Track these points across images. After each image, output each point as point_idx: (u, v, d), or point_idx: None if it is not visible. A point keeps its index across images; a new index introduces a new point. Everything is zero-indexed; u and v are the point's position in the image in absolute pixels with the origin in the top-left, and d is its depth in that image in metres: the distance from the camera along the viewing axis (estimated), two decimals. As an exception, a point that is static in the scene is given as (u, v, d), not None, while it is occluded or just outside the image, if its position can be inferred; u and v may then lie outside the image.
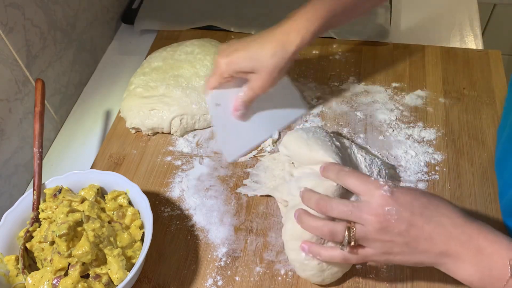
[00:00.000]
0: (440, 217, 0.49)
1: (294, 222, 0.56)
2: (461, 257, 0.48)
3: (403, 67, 0.86)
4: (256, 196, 0.69)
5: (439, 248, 0.49)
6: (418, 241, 0.49)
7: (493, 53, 0.86)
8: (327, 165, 0.56)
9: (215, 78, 0.68)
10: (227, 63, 0.65)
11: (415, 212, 0.49)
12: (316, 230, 0.53)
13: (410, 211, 0.49)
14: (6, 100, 0.70)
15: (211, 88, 0.69)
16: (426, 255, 0.50)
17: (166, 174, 0.73)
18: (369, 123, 0.77)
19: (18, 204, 0.63)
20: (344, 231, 0.50)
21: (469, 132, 0.75)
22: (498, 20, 1.52)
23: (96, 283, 0.56)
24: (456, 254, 0.48)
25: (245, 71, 0.66)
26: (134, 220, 0.63)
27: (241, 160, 0.73)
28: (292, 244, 0.57)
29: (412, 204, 0.49)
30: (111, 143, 0.78)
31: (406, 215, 0.49)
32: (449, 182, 0.69)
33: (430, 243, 0.49)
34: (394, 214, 0.48)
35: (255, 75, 0.65)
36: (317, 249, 0.54)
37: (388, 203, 0.49)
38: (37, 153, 0.65)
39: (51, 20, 0.79)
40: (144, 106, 0.77)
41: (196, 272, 0.63)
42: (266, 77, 0.64)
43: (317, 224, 0.53)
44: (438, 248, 0.49)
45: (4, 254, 0.60)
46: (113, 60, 0.95)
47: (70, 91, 0.86)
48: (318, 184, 0.56)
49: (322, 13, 0.63)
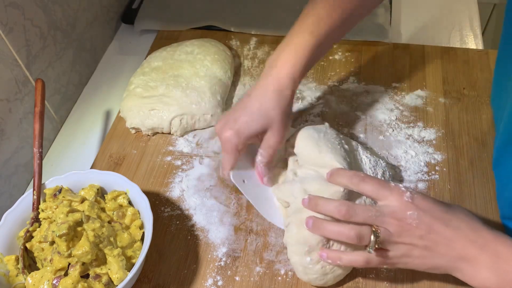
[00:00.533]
0: (458, 222, 0.51)
1: (300, 227, 0.56)
2: (479, 261, 0.49)
3: (403, 67, 0.86)
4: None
5: (458, 252, 0.50)
6: (438, 245, 0.50)
7: (493, 53, 0.86)
8: (336, 171, 0.56)
9: (229, 156, 0.62)
10: (236, 134, 0.60)
11: (435, 217, 0.50)
12: (341, 235, 0.53)
13: (431, 216, 0.50)
14: (6, 100, 0.70)
15: (230, 168, 0.63)
16: (444, 259, 0.51)
17: (166, 174, 0.73)
18: (369, 123, 0.77)
19: (18, 204, 0.63)
20: (370, 234, 0.51)
21: (469, 132, 0.75)
22: (498, 20, 1.52)
23: (96, 283, 0.56)
24: (474, 259, 0.50)
25: (256, 134, 0.61)
26: (134, 220, 0.63)
27: None
28: (297, 249, 0.57)
29: (432, 209, 0.51)
30: (111, 143, 0.78)
31: (426, 219, 0.50)
32: (449, 182, 0.69)
33: (449, 247, 0.50)
34: (416, 218, 0.50)
35: (269, 132, 0.61)
36: (337, 254, 0.54)
37: (410, 208, 0.50)
38: (37, 153, 0.65)
39: (51, 20, 0.79)
40: (144, 106, 0.77)
41: (196, 272, 0.63)
42: (281, 128, 0.61)
43: (341, 229, 0.52)
44: (457, 252, 0.50)
45: (4, 254, 0.60)
46: (113, 60, 0.95)
47: (70, 91, 0.86)
48: (325, 188, 0.56)
49: (307, 50, 0.60)
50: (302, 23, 0.62)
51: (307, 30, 0.61)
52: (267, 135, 0.61)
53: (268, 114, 0.60)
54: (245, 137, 0.61)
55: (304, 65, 0.61)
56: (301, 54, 0.60)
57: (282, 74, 0.60)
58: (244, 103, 0.62)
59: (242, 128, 0.60)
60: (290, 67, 0.60)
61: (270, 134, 0.61)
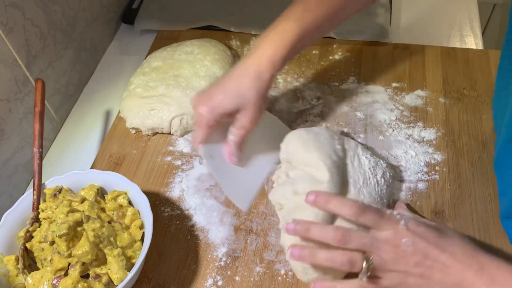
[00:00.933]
0: (454, 246, 0.50)
1: None
2: (475, 287, 0.48)
3: (403, 67, 0.86)
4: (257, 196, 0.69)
5: (454, 278, 0.49)
6: (433, 272, 0.49)
7: (493, 53, 0.86)
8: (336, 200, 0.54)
9: (200, 130, 0.63)
10: (210, 110, 0.61)
11: (430, 242, 0.50)
12: (333, 262, 0.51)
13: (426, 242, 0.50)
14: (6, 100, 0.70)
15: (200, 142, 0.64)
16: (440, 285, 0.50)
17: (166, 174, 0.73)
18: (369, 123, 0.77)
19: (18, 204, 0.63)
20: (362, 261, 0.50)
21: (469, 132, 0.75)
22: (498, 20, 1.52)
23: (96, 283, 0.56)
24: (470, 284, 0.49)
25: (229, 112, 0.62)
26: (134, 220, 0.63)
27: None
28: None
29: (427, 235, 0.51)
30: (111, 143, 0.78)
31: (422, 245, 0.50)
32: (449, 182, 0.69)
33: (445, 273, 0.49)
34: (411, 245, 0.50)
35: (242, 112, 0.62)
36: (332, 284, 0.53)
37: (405, 235, 0.50)
38: (37, 153, 0.65)
39: (51, 20, 0.79)
40: (144, 106, 0.77)
41: (196, 272, 0.63)
42: (254, 110, 0.61)
43: (333, 255, 0.51)
44: (453, 279, 0.49)
45: (4, 254, 0.60)
46: (113, 60, 0.95)
47: (70, 91, 0.86)
48: (313, 188, 0.56)
49: (291, 36, 0.61)
50: (290, 10, 0.62)
51: (293, 17, 0.61)
52: (239, 115, 0.62)
53: (243, 94, 0.60)
54: (218, 114, 0.61)
55: (286, 51, 0.61)
56: (284, 40, 0.60)
57: (263, 57, 0.61)
58: (222, 81, 0.62)
59: (216, 105, 0.61)
60: (271, 51, 0.60)
61: (243, 114, 0.62)
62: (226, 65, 0.83)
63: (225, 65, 0.83)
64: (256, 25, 0.94)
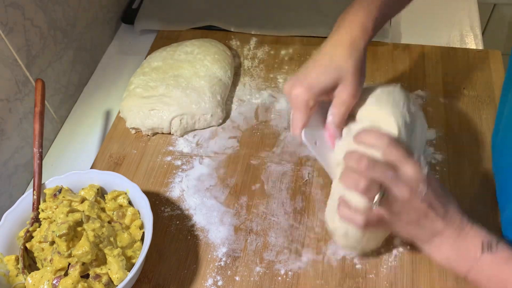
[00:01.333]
0: (452, 212, 0.53)
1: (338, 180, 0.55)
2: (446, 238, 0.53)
3: (403, 67, 0.86)
4: (257, 196, 0.69)
5: (438, 228, 0.53)
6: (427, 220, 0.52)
7: (493, 53, 0.86)
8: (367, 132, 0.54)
9: (300, 114, 0.58)
10: (307, 90, 0.56)
11: (437, 196, 0.52)
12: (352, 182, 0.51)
13: (435, 196, 0.52)
14: (6, 100, 0.70)
15: (301, 127, 0.58)
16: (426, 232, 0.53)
17: (166, 174, 0.73)
18: (369, 123, 0.77)
19: (18, 204, 0.63)
20: (377, 190, 0.51)
21: (469, 132, 0.75)
22: (498, 20, 1.52)
23: (96, 283, 0.56)
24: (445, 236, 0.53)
25: (328, 88, 0.58)
26: (134, 220, 0.63)
27: None
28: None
29: (437, 191, 0.53)
30: (111, 143, 0.78)
31: (431, 198, 0.52)
32: (449, 182, 0.69)
33: (436, 223, 0.52)
34: (423, 193, 0.51)
35: (341, 86, 0.58)
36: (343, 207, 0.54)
37: (423, 182, 0.51)
38: (37, 153, 0.65)
39: (51, 20, 0.79)
40: (144, 106, 0.77)
41: (196, 272, 0.63)
42: (354, 82, 0.58)
43: (355, 176, 0.51)
44: (437, 228, 0.53)
45: (4, 254, 0.60)
46: (113, 60, 0.95)
47: (70, 91, 0.86)
48: None
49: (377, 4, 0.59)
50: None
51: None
52: (338, 90, 0.58)
53: (339, 66, 0.57)
54: (317, 92, 0.57)
55: (375, 17, 0.59)
56: (372, 7, 0.59)
57: (353, 26, 0.58)
58: (314, 59, 0.59)
59: (313, 83, 0.57)
60: (362, 18, 0.58)
61: (342, 88, 0.58)
62: (226, 65, 0.83)
63: (225, 65, 0.83)
64: (256, 25, 0.94)
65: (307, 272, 0.62)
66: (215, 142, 0.77)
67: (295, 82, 0.58)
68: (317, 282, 0.61)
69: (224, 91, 0.81)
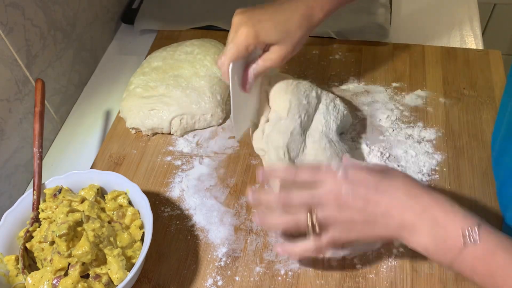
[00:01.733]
0: (395, 189, 0.50)
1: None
2: (416, 228, 0.49)
3: (403, 67, 0.86)
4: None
5: (396, 221, 0.50)
6: (376, 217, 0.50)
7: (493, 53, 0.86)
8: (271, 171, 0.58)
9: (236, 49, 0.61)
10: (255, 35, 0.59)
11: (370, 187, 0.50)
12: (282, 226, 0.55)
13: (365, 187, 0.50)
14: (6, 100, 0.70)
15: (234, 59, 0.61)
16: (384, 229, 0.51)
17: (166, 174, 0.73)
18: (369, 123, 0.77)
19: (18, 204, 0.63)
20: (306, 216, 0.52)
21: (469, 132, 0.75)
22: (498, 20, 1.52)
23: (96, 283, 0.56)
24: (412, 226, 0.49)
25: (270, 43, 0.61)
26: (134, 220, 0.63)
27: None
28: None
29: (366, 181, 0.51)
30: (111, 143, 0.78)
31: (361, 191, 0.50)
32: (449, 182, 0.69)
33: (387, 217, 0.50)
34: (351, 192, 0.50)
35: (277, 46, 0.61)
36: (290, 247, 0.56)
37: (344, 184, 0.51)
38: (37, 153, 0.65)
39: (51, 20, 0.79)
40: (144, 106, 0.77)
41: (196, 272, 0.63)
42: (290, 49, 0.61)
43: (282, 219, 0.54)
44: (395, 222, 0.50)
45: (4, 254, 0.60)
46: (113, 60, 0.95)
47: (70, 91, 0.86)
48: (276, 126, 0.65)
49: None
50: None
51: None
52: (274, 47, 0.61)
53: (290, 30, 0.60)
54: (261, 41, 0.60)
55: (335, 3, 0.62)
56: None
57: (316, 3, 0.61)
58: (276, 8, 0.61)
59: (261, 33, 0.60)
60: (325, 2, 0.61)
61: (277, 48, 0.61)
62: (226, 65, 0.83)
63: (225, 65, 0.83)
64: (256, 25, 0.94)
65: (307, 272, 0.62)
66: (215, 142, 0.77)
67: (248, 21, 0.61)
68: (317, 282, 0.61)
69: (224, 91, 0.81)
